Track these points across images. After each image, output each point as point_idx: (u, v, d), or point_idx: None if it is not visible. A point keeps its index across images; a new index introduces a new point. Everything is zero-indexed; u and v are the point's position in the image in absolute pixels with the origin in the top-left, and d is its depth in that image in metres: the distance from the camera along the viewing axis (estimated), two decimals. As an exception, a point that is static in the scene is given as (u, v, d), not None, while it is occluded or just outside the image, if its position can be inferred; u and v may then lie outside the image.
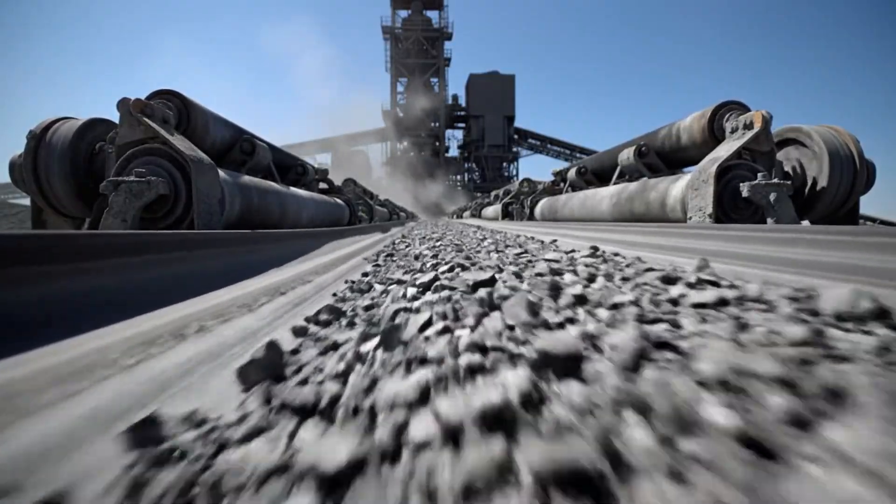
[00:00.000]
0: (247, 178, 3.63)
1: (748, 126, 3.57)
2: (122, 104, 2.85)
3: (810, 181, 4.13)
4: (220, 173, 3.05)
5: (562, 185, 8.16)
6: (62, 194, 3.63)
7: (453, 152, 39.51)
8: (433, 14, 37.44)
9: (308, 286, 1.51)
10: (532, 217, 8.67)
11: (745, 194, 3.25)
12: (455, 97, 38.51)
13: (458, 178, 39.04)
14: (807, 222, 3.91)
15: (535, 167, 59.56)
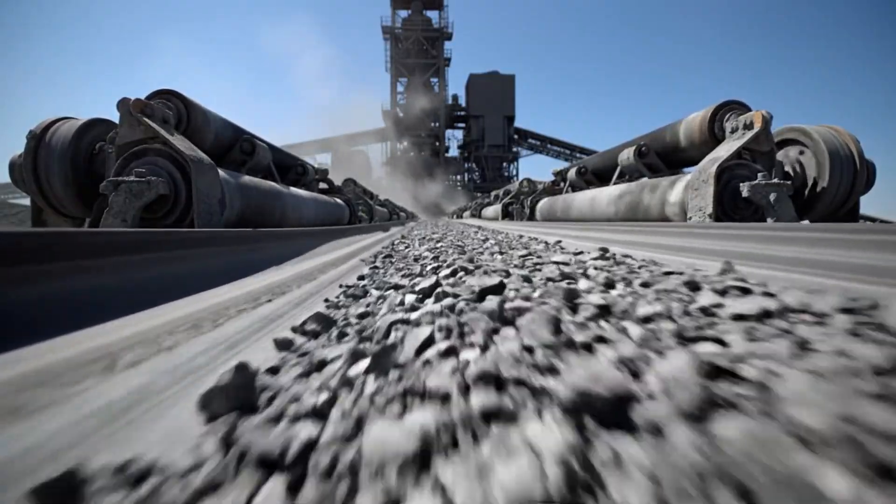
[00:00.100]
0: (247, 178, 3.63)
1: (748, 126, 3.57)
2: (122, 104, 2.85)
3: (810, 181, 4.13)
4: (221, 173, 3.04)
5: (562, 185, 8.17)
6: (62, 194, 3.63)
7: (453, 152, 39.56)
8: (433, 14, 37.51)
9: (299, 290, 1.50)
10: (532, 217, 8.67)
11: (745, 194, 3.25)
12: (455, 97, 38.54)
13: (458, 178, 39.05)
14: (807, 222, 3.91)
15: (535, 167, 59.69)
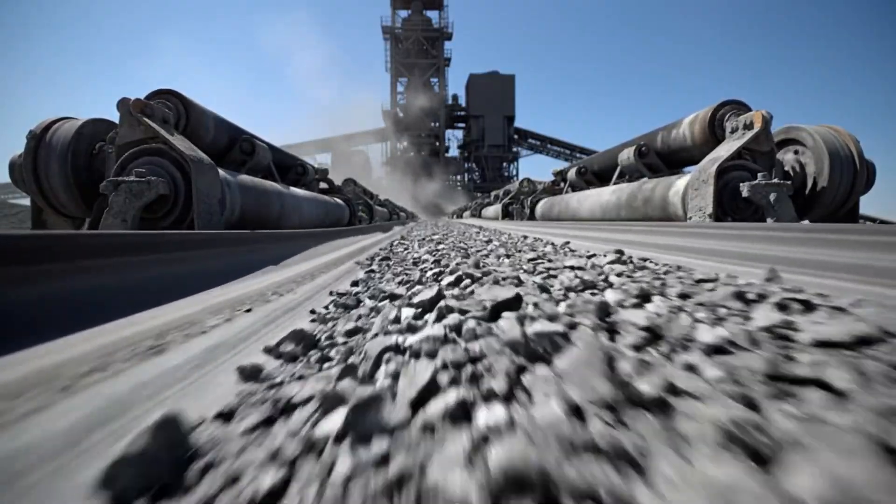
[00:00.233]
0: (247, 178, 3.63)
1: (748, 126, 3.57)
2: (122, 104, 2.84)
3: (810, 181, 4.13)
4: (221, 173, 3.04)
5: (562, 185, 8.17)
6: (62, 194, 3.63)
7: (453, 152, 39.56)
8: (433, 14, 37.50)
9: (284, 298, 1.45)
10: (532, 217, 8.67)
11: (745, 194, 3.25)
12: (455, 97, 38.53)
13: (458, 178, 39.04)
14: (807, 222, 3.91)
15: (535, 167, 59.77)
